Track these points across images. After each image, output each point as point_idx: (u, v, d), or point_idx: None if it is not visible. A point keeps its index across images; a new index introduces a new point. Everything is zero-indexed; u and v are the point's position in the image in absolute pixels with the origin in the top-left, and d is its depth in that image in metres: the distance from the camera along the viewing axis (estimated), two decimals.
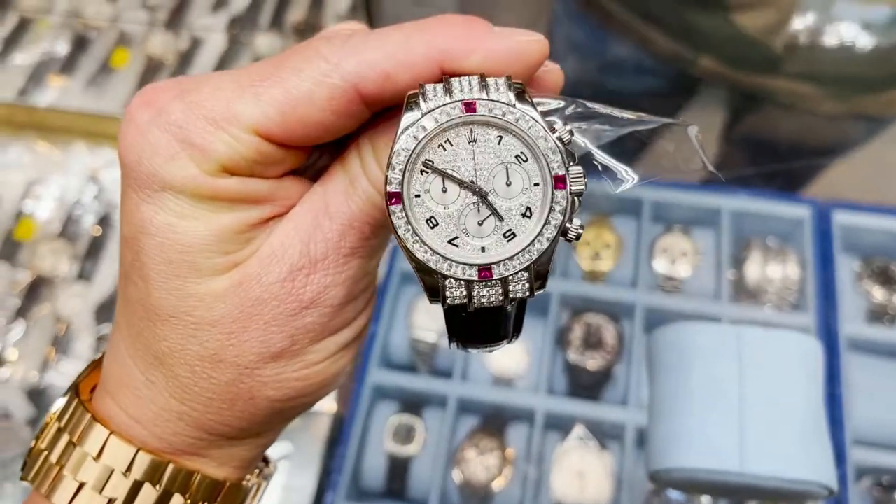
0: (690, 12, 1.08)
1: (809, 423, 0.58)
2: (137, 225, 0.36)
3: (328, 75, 0.34)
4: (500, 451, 0.97)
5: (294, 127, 0.35)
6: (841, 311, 1.00)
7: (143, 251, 0.36)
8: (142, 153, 0.35)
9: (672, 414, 0.59)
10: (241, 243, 0.37)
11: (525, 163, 0.35)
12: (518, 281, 0.35)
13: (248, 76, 0.36)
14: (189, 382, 0.38)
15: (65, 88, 1.31)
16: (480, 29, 0.35)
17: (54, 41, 1.36)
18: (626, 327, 1.05)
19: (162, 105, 0.36)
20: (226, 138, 0.35)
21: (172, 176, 0.35)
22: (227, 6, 1.41)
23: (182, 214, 0.36)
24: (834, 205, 1.08)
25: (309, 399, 0.41)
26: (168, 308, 0.37)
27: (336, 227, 0.37)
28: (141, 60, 1.35)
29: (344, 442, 0.96)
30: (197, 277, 0.36)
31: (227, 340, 0.37)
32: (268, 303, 0.37)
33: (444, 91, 0.35)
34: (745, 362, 0.58)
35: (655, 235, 1.11)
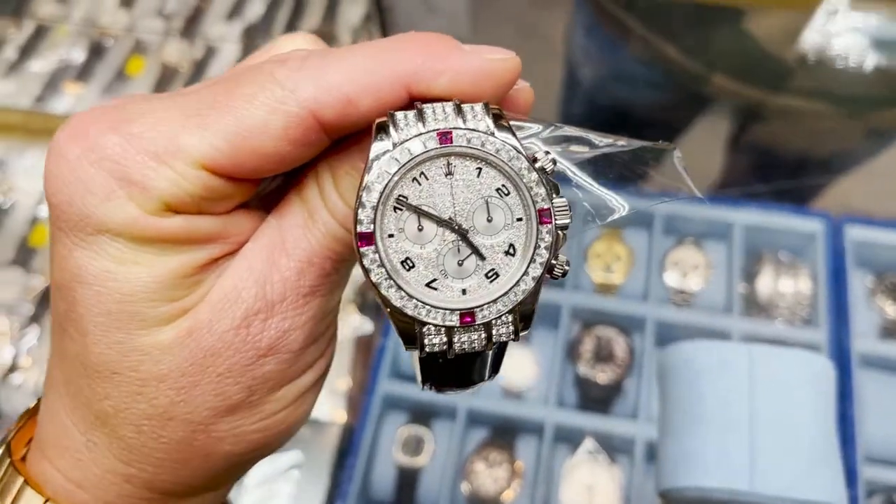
0: (705, 25, 1.08)
1: (820, 443, 0.57)
2: (71, 272, 0.33)
3: (283, 102, 0.31)
4: (509, 464, 0.97)
5: (246, 159, 0.32)
6: (853, 327, 1.00)
7: (79, 302, 0.33)
8: (73, 193, 0.32)
9: (683, 432, 0.59)
10: (188, 288, 0.33)
11: (507, 196, 0.33)
12: (502, 324, 0.33)
13: (194, 104, 0.32)
14: (136, 443, 0.34)
15: (81, 96, 1.32)
16: (449, 48, 0.33)
17: (71, 49, 1.37)
18: (636, 341, 1.05)
19: (94, 138, 0.32)
20: (169, 174, 0.31)
21: (109, 217, 0.31)
22: (242, 15, 1.42)
23: (121, 260, 0.32)
24: (847, 219, 1.08)
25: (269, 449, 0.37)
26: (109, 364, 0.33)
27: (294, 265, 0.34)
28: (156, 68, 1.36)
29: (353, 452, 0.96)
30: (141, 329, 0.33)
31: (177, 396, 0.34)
32: (221, 353, 0.33)
33: (417, 119, 0.32)
34: (756, 382, 0.58)
35: (667, 248, 1.10)
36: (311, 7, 1.42)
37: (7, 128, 1.28)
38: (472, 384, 0.36)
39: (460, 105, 0.32)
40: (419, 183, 0.32)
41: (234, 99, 0.32)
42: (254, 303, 0.33)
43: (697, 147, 1.27)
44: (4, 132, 1.28)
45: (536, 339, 1.07)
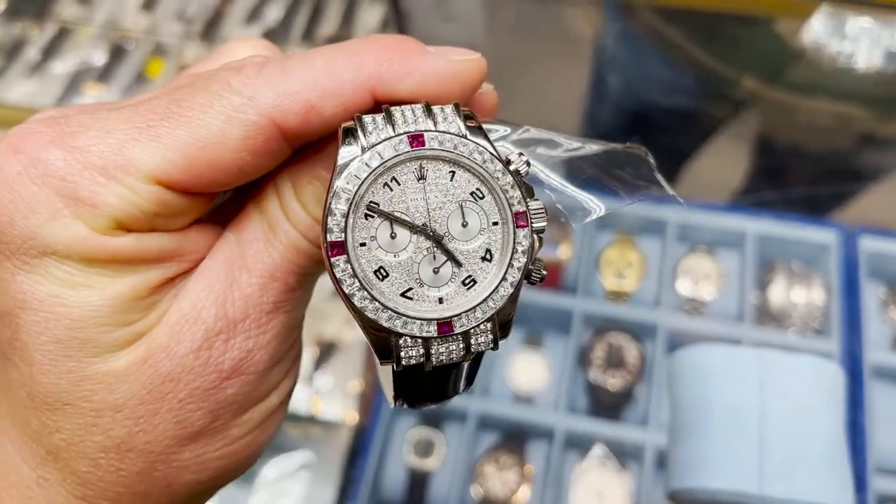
0: (735, 27, 1.08)
1: (829, 447, 0.58)
2: (14, 298, 0.30)
3: (241, 110, 0.30)
4: (519, 468, 0.97)
5: (202, 172, 0.30)
6: (866, 338, 1.00)
7: (23, 329, 0.30)
8: (14, 212, 0.29)
9: (693, 435, 0.59)
10: (142, 310, 0.31)
11: (481, 200, 0.32)
12: (481, 333, 0.31)
13: (145, 115, 0.30)
14: (92, 478, 0.32)
15: (101, 97, 1.33)
16: (413, 49, 0.32)
17: (92, 50, 1.39)
18: (648, 348, 1.05)
19: (36, 152, 0.30)
20: (119, 190, 0.30)
21: (55, 238, 0.29)
22: (261, 19, 1.43)
23: (70, 283, 0.30)
24: (861, 230, 1.08)
25: (233, 476, 0.36)
26: (60, 394, 0.31)
27: (256, 281, 0.32)
28: (175, 71, 1.37)
29: (364, 453, 0.97)
30: (93, 356, 0.31)
31: (135, 426, 0.31)
32: (181, 378, 0.31)
33: (386, 122, 0.31)
34: (765, 386, 0.58)
35: (679, 256, 1.11)
36: (328, 12, 1.44)
37: None
38: (446, 398, 0.35)
39: (430, 107, 0.31)
40: (391, 188, 0.31)
41: (188, 109, 0.30)
42: (214, 323, 0.32)
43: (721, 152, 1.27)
44: None
45: (548, 345, 1.07)
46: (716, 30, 1.11)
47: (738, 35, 1.09)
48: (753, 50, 1.09)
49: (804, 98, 1.12)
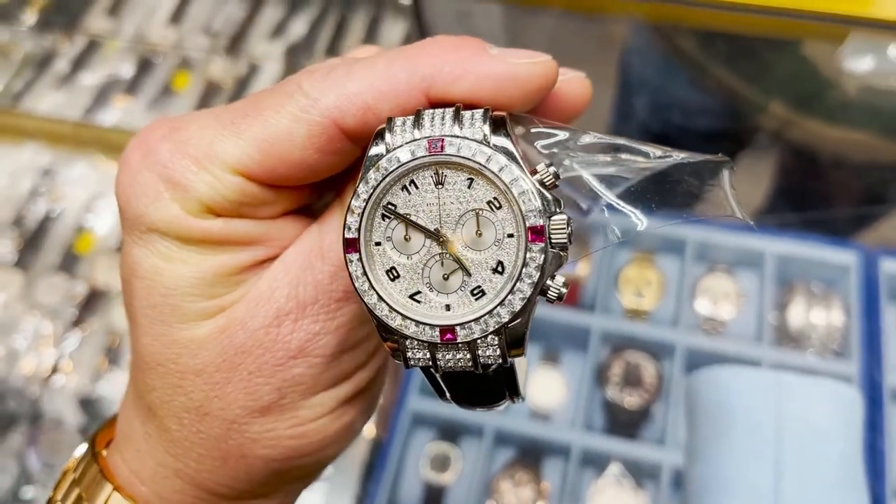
0: (763, 50, 1.08)
1: (846, 472, 0.58)
2: (130, 267, 0.35)
3: (307, 111, 0.32)
4: (534, 485, 0.98)
5: (275, 166, 0.33)
6: (886, 361, 0.99)
7: (134, 294, 0.35)
8: (131, 195, 0.34)
9: (710, 457, 0.59)
10: (229, 287, 0.34)
11: (498, 210, 0.31)
12: (487, 346, 0.31)
13: (231, 113, 0.34)
14: (179, 437, 0.35)
15: (128, 109, 1.36)
16: (472, 51, 0.32)
17: (120, 63, 1.42)
18: (665, 367, 1.05)
19: (152, 145, 0.34)
20: (207, 178, 0.33)
21: (156, 217, 0.33)
22: (285, 35, 1.45)
23: (168, 257, 0.34)
24: (881, 251, 1.07)
25: (311, 460, 0.37)
26: (154, 355, 0.35)
27: (328, 269, 0.34)
28: (201, 84, 1.40)
29: (381, 467, 0.98)
30: (181, 322, 0.34)
31: (211, 392, 0.34)
32: (252, 351, 0.34)
33: (414, 124, 0.31)
34: (783, 409, 0.58)
35: (698, 276, 1.11)
36: (352, 27, 1.46)
37: (57, 138, 1.33)
38: (489, 404, 0.35)
39: (459, 110, 0.31)
40: (409, 192, 0.31)
41: (264, 108, 0.33)
42: (286, 303, 0.34)
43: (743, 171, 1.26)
44: (54, 142, 1.32)
45: (565, 362, 1.07)
46: (745, 53, 1.11)
47: (767, 59, 1.08)
48: (783, 75, 1.09)
49: (833, 127, 1.12)
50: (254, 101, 0.34)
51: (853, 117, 1.09)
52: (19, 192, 1.27)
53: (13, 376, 1.10)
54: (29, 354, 1.12)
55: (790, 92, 1.10)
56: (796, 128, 1.14)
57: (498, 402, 0.35)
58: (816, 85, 1.07)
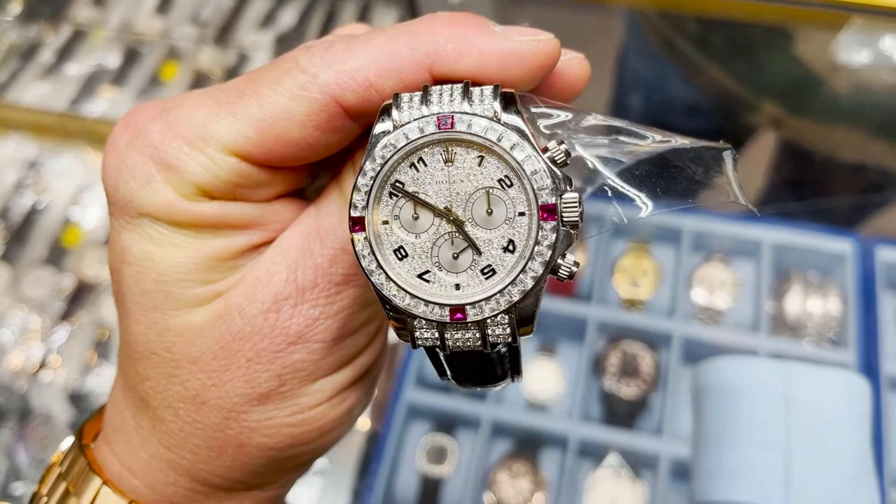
0: (759, 49, 1.07)
1: (856, 463, 0.57)
2: (119, 253, 0.34)
3: (305, 88, 0.31)
4: (532, 476, 0.97)
5: (273, 146, 0.32)
6: (882, 350, 0.99)
7: (123, 281, 0.33)
8: (119, 177, 0.33)
9: (718, 447, 0.58)
10: (224, 272, 0.33)
11: (509, 188, 0.30)
12: (497, 325, 0.30)
13: (226, 91, 0.33)
14: (174, 427, 0.34)
15: (115, 100, 1.34)
16: (476, 28, 0.31)
17: (106, 53, 1.40)
18: (662, 356, 1.04)
19: (141, 126, 0.33)
20: (201, 159, 0.32)
21: (148, 201, 0.32)
22: (275, 24, 1.43)
23: (160, 242, 0.33)
24: (878, 240, 1.07)
25: (310, 448, 0.36)
26: (147, 343, 0.34)
27: (327, 252, 0.33)
28: (189, 74, 1.37)
29: (377, 459, 0.96)
30: (175, 309, 0.33)
31: (208, 380, 0.33)
32: (250, 337, 0.33)
33: (422, 101, 0.30)
34: (791, 400, 0.58)
35: (694, 265, 1.10)
36: (343, 16, 1.44)
37: (42, 129, 1.30)
38: (490, 383, 0.34)
39: (468, 87, 0.30)
40: (417, 169, 0.30)
41: (260, 86, 0.32)
42: (284, 287, 0.33)
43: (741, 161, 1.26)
44: (39, 133, 1.30)
45: (562, 353, 1.07)
46: (738, 51, 1.10)
47: (760, 57, 1.08)
48: (775, 73, 1.08)
49: (826, 125, 1.11)
50: (249, 79, 0.33)
51: (845, 115, 1.09)
52: (4, 184, 1.25)
53: (0, 371, 1.08)
54: (16, 349, 1.10)
55: (782, 90, 1.10)
56: (787, 126, 1.14)
57: (500, 380, 0.35)
58: (808, 83, 1.06)
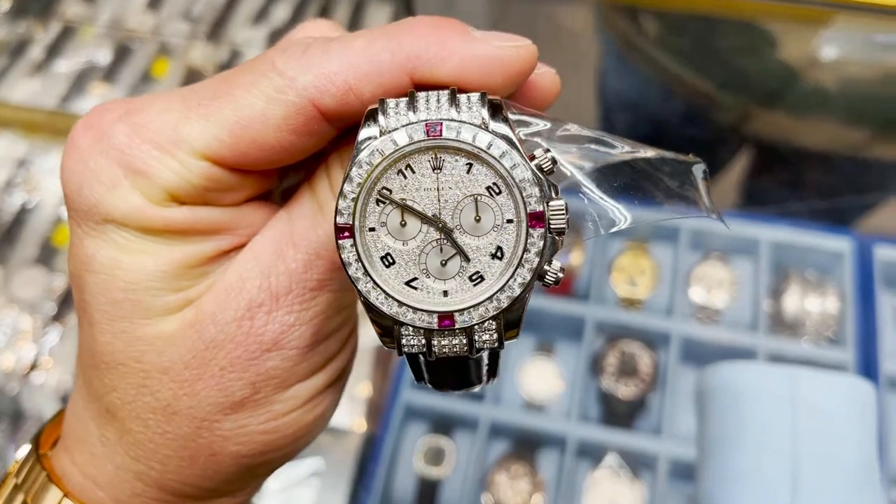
0: (736, 54, 1.07)
1: (861, 466, 0.57)
2: (81, 260, 0.32)
3: (282, 91, 0.30)
4: (530, 477, 0.96)
5: (247, 150, 0.31)
6: (881, 348, 0.99)
7: (87, 290, 0.32)
8: (83, 181, 0.31)
9: (724, 453, 0.58)
10: (194, 278, 0.33)
11: (498, 196, 0.30)
12: (485, 331, 0.31)
13: (198, 94, 0.32)
14: (143, 438, 0.33)
15: (106, 97, 1.32)
16: (456, 32, 0.31)
17: (97, 50, 1.38)
18: (661, 356, 1.04)
19: (105, 128, 0.32)
20: (172, 164, 0.31)
21: (115, 206, 0.31)
22: (268, 19, 1.42)
23: (127, 248, 0.32)
24: (876, 239, 1.07)
25: (282, 453, 0.36)
26: (114, 353, 0.33)
27: (301, 257, 0.33)
28: (181, 71, 1.36)
29: (375, 461, 0.96)
30: (144, 318, 0.32)
31: (180, 390, 0.33)
32: (223, 345, 0.32)
33: (408, 107, 0.30)
34: (798, 405, 0.57)
35: (692, 263, 1.10)
36: (336, 11, 1.42)
37: (32, 127, 1.28)
38: (469, 386, 0.35)
39: (456, 94, 0.30)
40: (404, 176, 0.30)
41: (235, 88, 0.31)
42: (258, 294, 0.32)
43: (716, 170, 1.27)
44: (30, 131, 1.28)
45: (560, 353, 1.06)
46: (711, 55, 1.10)
47: (732, 56, 1.08)
48: (749, 71, 1.08)
49: (804, 121, 1.11)
50: (222, 80, 0.32)
51: (822, 108, 1.08)
52: None
53: None
54: (7, 350, 1.09)
55: (763, 93, 1.09)
56: (769, 125, 1.13)
57: (477, 383, 0.35)
58: (783, 78, 1.06)
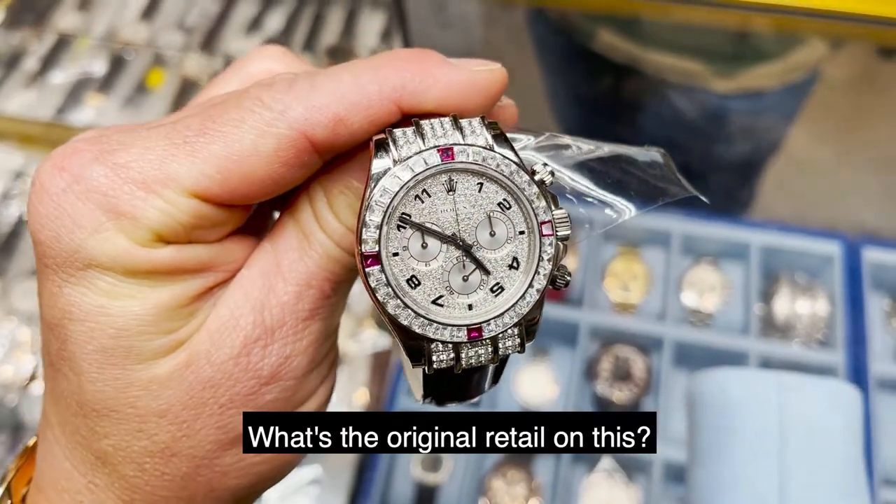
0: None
1: (848, 473, 0.58)
2: (62, 310, 0.32)
3: (273, 124, 0.31)
4: (526, 482, 0.97)
5: (237, 185, 0.31)
6: (870, 350, 1.00)
7: (71, 339, 0.32)
8: (60, 227, 0.31)
9: (713, 457, 0.59)
10: (183, 319, 0.33)
11: (508, 210, 0.33)
12: (508, 338, 0.33)
13: (181, 131, 0.32)
14: (139, 482, 0.33)
15: (102, 108, 1.33)
16: (435, 62, 0.33)
17: (92, 61, 1.38)
18: (654, 360, 1.05)
19: (79, 170, 0.31)
20: (159, 203, 0.31)
21: (98, 251, 0.31)
22: (261, 29, 1.43)
23: (113, 294, 0.31)
24: (864, 241, 1.08)
25: (275, 480, 0.37)
26: (106, 401, 0.32)
27: (292, 289, 0.33)
28: (176, 81, 1.37)
29: (372, 468, 0.97)
30: (137, 363, 0.32)
31: (178, 431, 0.33)
32: (221, 384, 0.33)
33: (416, 135, 0.32)
34: (785, 410, 0.58)
35: (684, 268, 1.11)
36: (329, 21, 1.44)
37: (28, 139, 1.29)
38: (473, 397, 0.36)
39: (458, 120, 0.33)
40: (422, 200, 0.32)
41: (222, 124, 0.31)
42: (252, 329, 0.33)
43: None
44: (25, 143, 1.29)
45: (555, 358, 1.07)
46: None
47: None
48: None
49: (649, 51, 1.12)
50: (206, 117, 0.32)
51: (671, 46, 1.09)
52: None
53: None
54: (6, 362, 1.09)
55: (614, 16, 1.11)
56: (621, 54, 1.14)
57: (480, 393, 0.37)
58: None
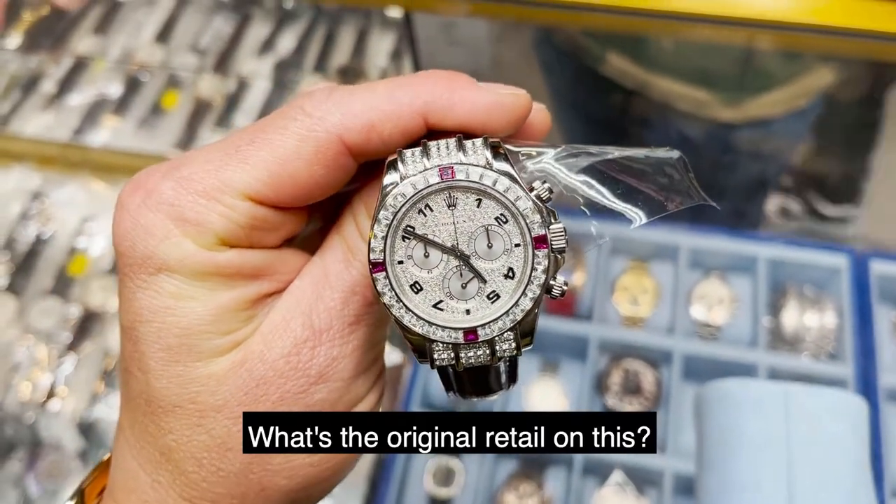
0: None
1: (855, 482, 0.59)
2: (135, 313, 0.35)
3: (312, 129, 0.34)
4: (538, 496, 0.98)
5: (285, 186, 0.35)
6: (879, 362, 1.01)
7: (141, 339, 0.35)
8: (135, 238, 0.34)
9: (721, 466, 0.60)
10: (241, 321, 0.36)
11: (505, 224, 0.35)
12: (504, 341, 0.35)
13: (234, 142, 0.35)
14: (197, 478, 0.35)
15: (118, 129, 1.35)
16: (465, 82, 0.36)
17: (108, 83, 1.41)
18: (664, 374, 1.06)
19: (152, 186, 0.35)
20: (219, 209, 0.34)
21: (168, 255, 0.34)
22: (274, 50, 1.45)
23: (179, 295, 0.34)
24: (872, 254, 1.09)
25: (325, 486, 0.38)
26: (171, 397, 0.35)
27: (338, 296, 0.36)
28: (190, 102, 1.39)
29: (385, 481, 0.98)
30: (197, 361, 0.35)
31: (233, 426, 0.35)
32: (273, 381, 0.35)
33: (422, 155, 0.35)
34: (792, 422, 0.59)
35: (693, 282, 1.12)
36: (340, 43, 1.46)
37: (46, 160, 1.32)
38: (492, 392, 0.39)
39: (462, 140, 0.35)
40: (424, 214, 0.35)
41: (269, 132, 0.35)
42: (301, 332, 0.36)
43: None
44: (43, 164, 1.31)
45: (564, 371, 1.08)
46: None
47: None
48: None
49: (657, 77, 1.13)
50: (257, 128, 0.36)
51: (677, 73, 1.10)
52: (9, 215, 1.26)
53: (9, 402, 1.09)
54: (24, 380, 1.11)
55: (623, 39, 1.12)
56: (630, 79, 1.15)
57: (499, 390, 0.39)
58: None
